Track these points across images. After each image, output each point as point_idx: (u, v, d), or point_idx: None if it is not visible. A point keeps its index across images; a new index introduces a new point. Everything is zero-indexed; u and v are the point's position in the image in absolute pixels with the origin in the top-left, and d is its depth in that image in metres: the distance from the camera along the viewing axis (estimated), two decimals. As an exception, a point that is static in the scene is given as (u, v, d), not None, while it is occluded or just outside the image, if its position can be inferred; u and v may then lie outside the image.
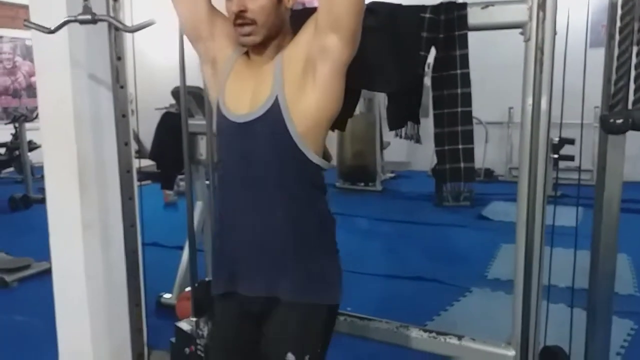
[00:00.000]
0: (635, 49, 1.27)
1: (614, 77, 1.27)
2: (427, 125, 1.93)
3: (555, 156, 5.55)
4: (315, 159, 1.43)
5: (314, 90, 1.38)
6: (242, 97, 1.46)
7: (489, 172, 7.43)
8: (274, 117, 1.39)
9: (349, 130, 6.65)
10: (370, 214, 5.82)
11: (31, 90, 9.34)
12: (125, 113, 2.00)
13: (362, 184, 7.06)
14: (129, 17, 2.10)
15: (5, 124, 7.15)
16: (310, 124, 1.40)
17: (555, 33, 1.62)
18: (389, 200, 6.70)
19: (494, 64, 6.23)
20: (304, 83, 1.39)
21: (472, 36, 1.79)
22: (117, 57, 1.90)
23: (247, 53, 1.52)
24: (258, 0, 1.39)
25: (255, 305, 1.48)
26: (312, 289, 1.45)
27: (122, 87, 1.94)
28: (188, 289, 2.96)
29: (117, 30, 1.85)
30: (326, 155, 1.48)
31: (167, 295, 3.35)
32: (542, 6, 1.51)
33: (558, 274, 2.02)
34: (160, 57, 6.88)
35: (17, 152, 7.12)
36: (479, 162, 7.15)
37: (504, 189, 6.52)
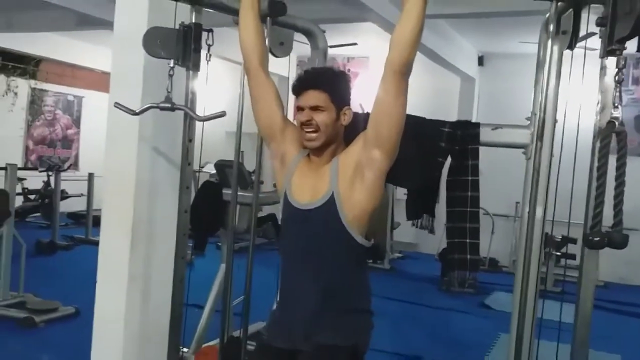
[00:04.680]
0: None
1: (593, 203, 1.58)
2: (438, 212, 2.23)
3: (558, 254, 5.86)
4: (359, 239, 1.82)
5: (361, 189, 1.79)
6: (304, 189, 1.87)
7: (493, 262, 7.65)
8: (329, 207, 1.80)
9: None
10: (378, 292, 5.99)
11: (66, 141, 9.89)
12: (188, 185, 2.34)
13: (371, 261, 7.30)
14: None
15: (40, 171, 7.53)
16: (358, 213, 1.80)
17: (552, 156, 1.96)
18: (396, 279, 6.90)
19: (504, 160, 6.59)
20: (353, 183, 1.79)
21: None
22: (189, 140, 2.27)
23: (308, 155, 1.91)
24: (320, 116, 1.82)
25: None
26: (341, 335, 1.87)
27: (189, 164, 2.29)
28: (207, 344, 3.25)
29: (191, 119, 2.21)
30: (369, 237, 1.86)
31: (184, 349, 3.58)
32: (540, 137, 1.85)
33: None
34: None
35: (46, 200, 7.49)
36: (484, 251, 7.37)
37: (507, 280, 6.67)
